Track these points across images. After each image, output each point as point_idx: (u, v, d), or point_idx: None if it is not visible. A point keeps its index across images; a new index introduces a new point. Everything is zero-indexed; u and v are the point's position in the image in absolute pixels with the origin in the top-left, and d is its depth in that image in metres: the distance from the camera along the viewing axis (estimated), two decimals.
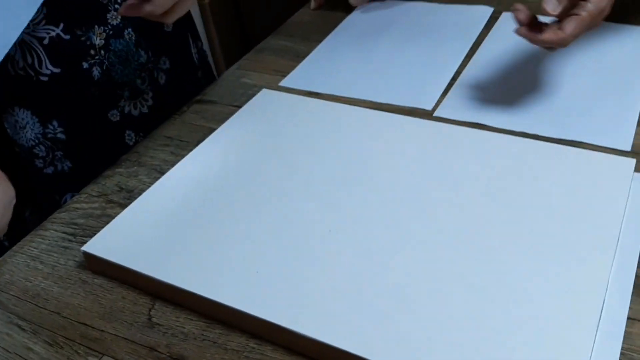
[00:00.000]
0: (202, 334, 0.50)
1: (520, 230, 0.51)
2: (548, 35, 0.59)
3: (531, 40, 0.60)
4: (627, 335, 0.45)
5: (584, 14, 0.58)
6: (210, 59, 0.88)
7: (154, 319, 0.52)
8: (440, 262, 0.50)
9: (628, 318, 0.46)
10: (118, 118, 0.73)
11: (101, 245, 0.55)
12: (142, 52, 0.73)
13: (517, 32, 0.60)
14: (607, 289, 0.46)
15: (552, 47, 0.61)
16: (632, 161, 0.56)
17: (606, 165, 0.56)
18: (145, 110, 0.75)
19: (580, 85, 0.68)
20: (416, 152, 0.61)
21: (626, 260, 0.49)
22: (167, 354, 0.48)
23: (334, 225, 0.54)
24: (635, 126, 0.62)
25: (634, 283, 0.48)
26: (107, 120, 0.73)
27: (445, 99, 0.71)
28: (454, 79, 0.74)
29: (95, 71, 0.69)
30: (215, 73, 0.88)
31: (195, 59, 0.82)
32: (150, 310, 0.52)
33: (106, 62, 0.69)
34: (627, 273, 0.49)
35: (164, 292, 0.52)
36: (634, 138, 0.61)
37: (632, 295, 0.47)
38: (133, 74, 0.72)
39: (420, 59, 0.78)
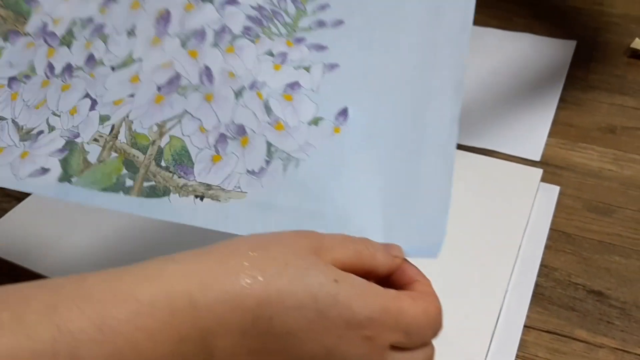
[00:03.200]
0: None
1: None
2: None
3: None
4: (522, 343, 0.45)
5: None
6: None
7: None
8: None
9: (524, 326, 0.46)
10: None
11: None
12: None
13: None
14: (505, 296, 0.47)
15: None
16: (539, 171, 0.57)
17: (514, 175, 0.57)
18: None
19: (495, 95, 0.69)
20: None
21: (527, 268, 0.50)
22: None
23: None
24: (545, 137, 0.63)
25: (533, 292, 0.48)
26: None
27: None
28: None
29: None
30: None
31: None
32: None
33: None
34: (527, 281, 0.49)
35: None
36: (544, 149, 0.62)
37: (530, 303, 0.48)
38: None
39: None
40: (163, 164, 0.39)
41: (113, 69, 0.42)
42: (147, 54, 0.41)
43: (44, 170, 0.39)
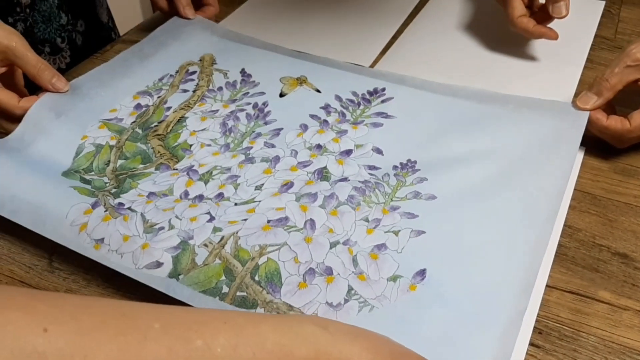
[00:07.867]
0: (106, 281, 0.46)
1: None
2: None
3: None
4: (544, 303, 0.44)
5: None
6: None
7: (55, 263, 0.48)
8: None
9: (547, 286, 0.45)
10: None
11: None
12: (63, 15, 0.75)
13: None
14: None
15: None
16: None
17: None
18: (63, 66, 0.76)
19: (522, 58, 0.67)
20: None
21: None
22: None
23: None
24: (572, 97, 0.61)
25: (556, 252, 0.47)
26: None
27: (384, 57, 0.68)
28: (394, 37, 0.71)
29: (20, 26, 0.70)
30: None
31: (105, 22, 0.84)
32: (52, 254, 0.49)
33: (30, 20, 0.71)
34: (550, 241, 0.48)
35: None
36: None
37: (553, 263, 0.47)
38: (54, 33, 0.75)
39: (362, 17, 0.75)
40: (257, 278, 0.43)
41: (236, 204, 0.49)
42: (266, 200, 0.49)
43: (159, 264, 0.44)
